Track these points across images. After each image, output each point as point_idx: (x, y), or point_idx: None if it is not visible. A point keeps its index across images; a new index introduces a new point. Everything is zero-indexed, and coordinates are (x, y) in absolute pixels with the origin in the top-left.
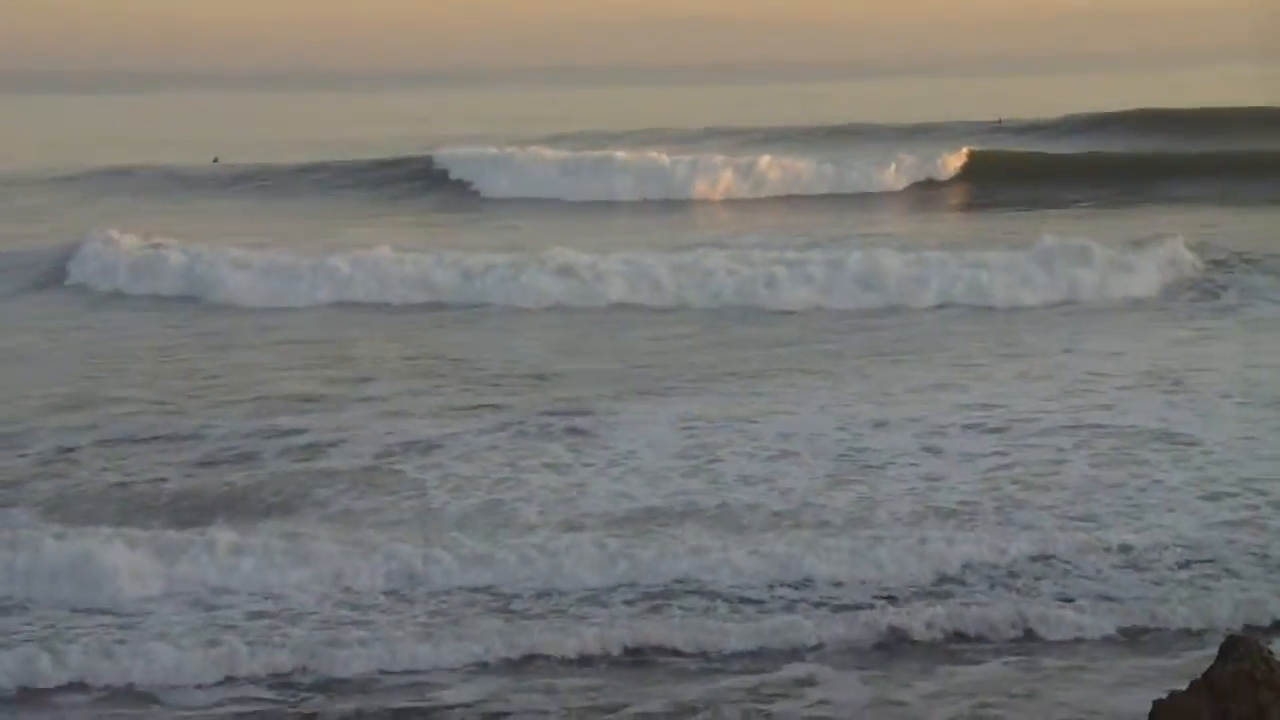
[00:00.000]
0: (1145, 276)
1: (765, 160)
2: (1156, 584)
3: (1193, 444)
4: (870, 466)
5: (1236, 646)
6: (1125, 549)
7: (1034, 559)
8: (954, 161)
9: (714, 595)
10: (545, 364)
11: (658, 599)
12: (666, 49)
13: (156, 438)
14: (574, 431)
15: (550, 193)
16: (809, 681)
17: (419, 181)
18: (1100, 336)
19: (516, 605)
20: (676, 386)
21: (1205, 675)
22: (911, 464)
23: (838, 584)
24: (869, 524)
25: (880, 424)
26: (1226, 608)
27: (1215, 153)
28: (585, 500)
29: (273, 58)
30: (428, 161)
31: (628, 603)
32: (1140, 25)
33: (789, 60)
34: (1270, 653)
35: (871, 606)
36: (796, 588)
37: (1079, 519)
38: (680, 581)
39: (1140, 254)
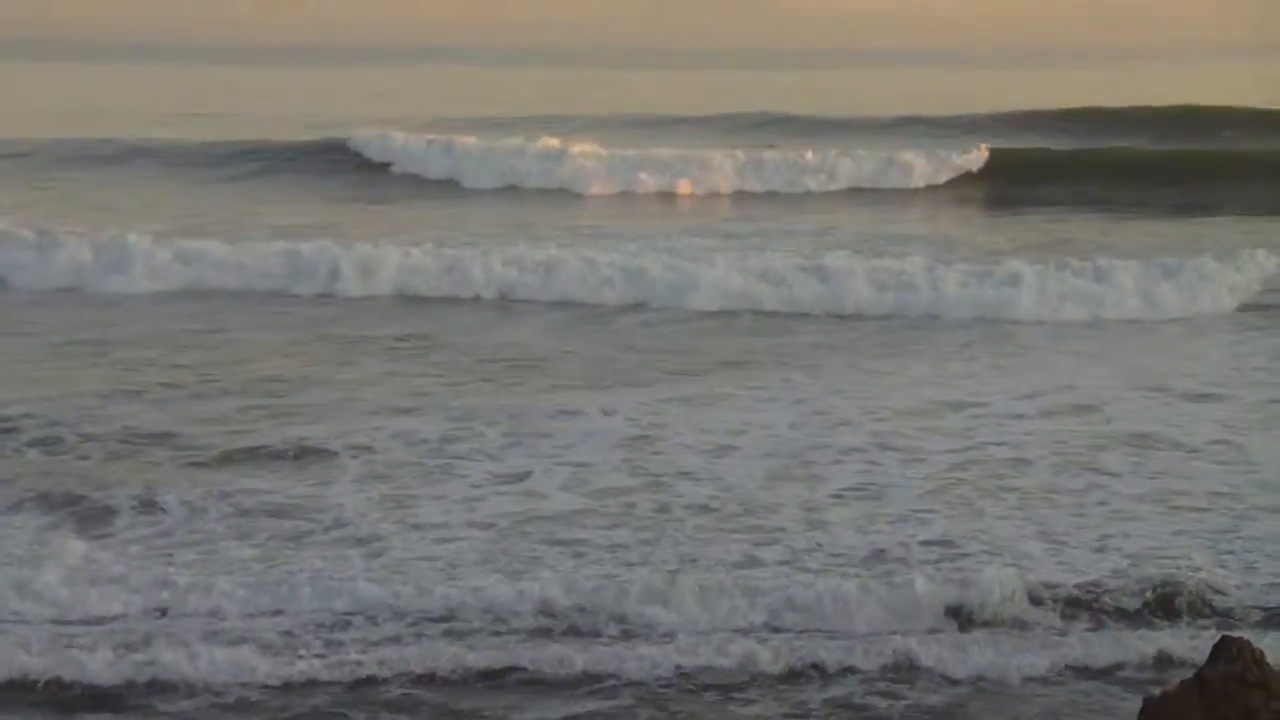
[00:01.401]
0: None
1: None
2: None
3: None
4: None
5: (1228, 647)
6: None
7: None
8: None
9: None
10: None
11: None
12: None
13: None
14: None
15: (464, 178)
16: None
17: (333, 164)
18: None
19: None
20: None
21: (1196, 675)
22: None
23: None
24: None
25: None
26: None
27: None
28: None
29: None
30: (343, 144)
31: None
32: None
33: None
34: (1262, 654)
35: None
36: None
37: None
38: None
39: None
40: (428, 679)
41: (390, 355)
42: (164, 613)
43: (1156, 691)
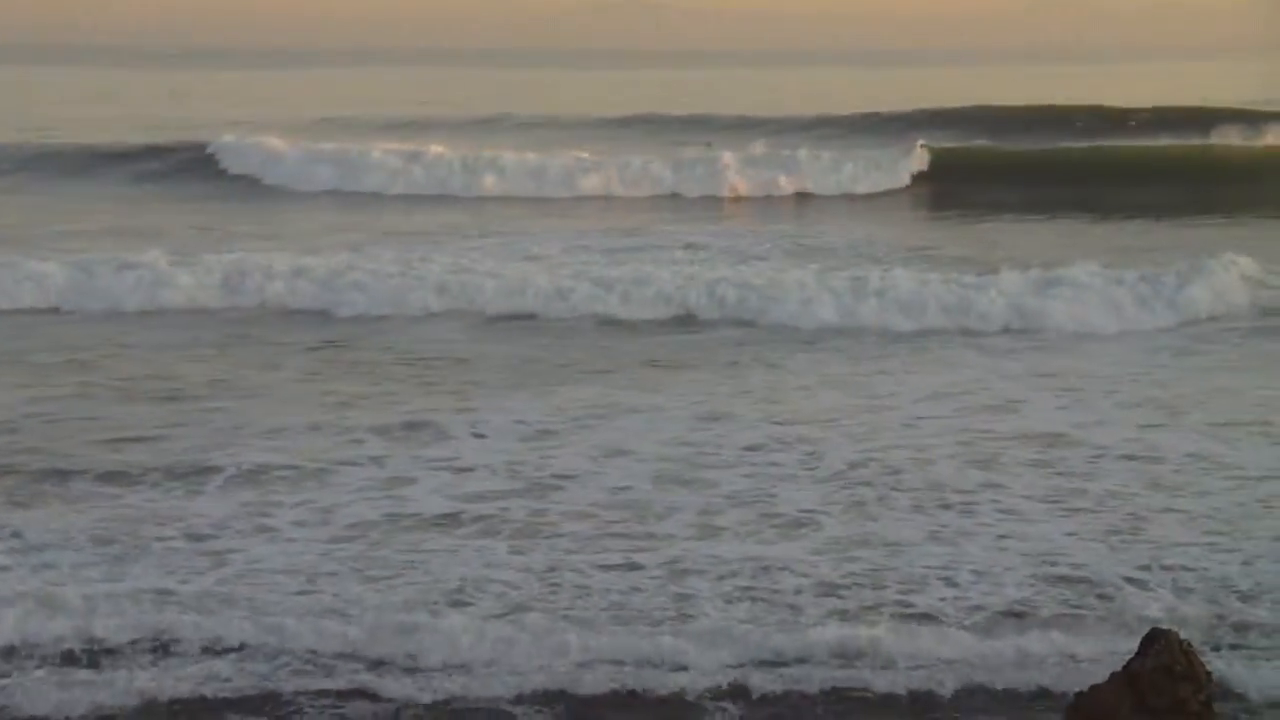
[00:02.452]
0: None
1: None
2: None
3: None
4: None
5: (1157, 640)
6: None
7: None
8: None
9: None
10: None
11: None
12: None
13: None
14: None
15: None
16: None
17: (187, 170)
18: None
19: None
20: None
21: (1125, 667)
22: None
23: None
24: None
25: None
26: None
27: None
28: None
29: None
30: (200, 148)
31: None
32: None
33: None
34: (1190, 646)
35: None
36: None
37: None
38: None
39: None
40: None
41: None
42: None
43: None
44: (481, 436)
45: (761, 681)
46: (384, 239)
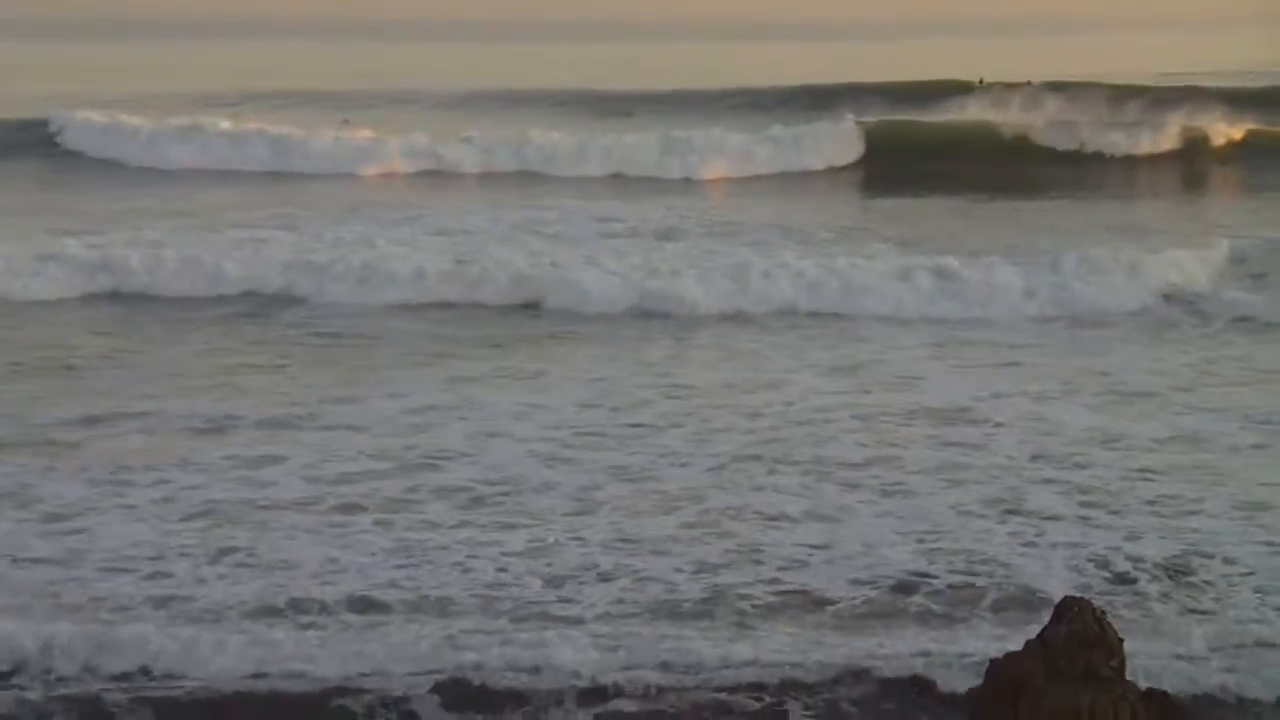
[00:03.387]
0: None
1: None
2: None
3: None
4: None
5: (1070, 607)
6: None
7: None
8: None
9: None
10: None
11: None
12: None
13: None
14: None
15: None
16: None
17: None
18: None
19: None
20: None
21: (1040, 635)
22: None
23: None
24: None
25: None
26: None
27: None
28: None
29: None
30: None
31: None
32: None
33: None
34: (1103, 613)
35: None
36: None
37: None
38: None
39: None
40: None
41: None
42: None
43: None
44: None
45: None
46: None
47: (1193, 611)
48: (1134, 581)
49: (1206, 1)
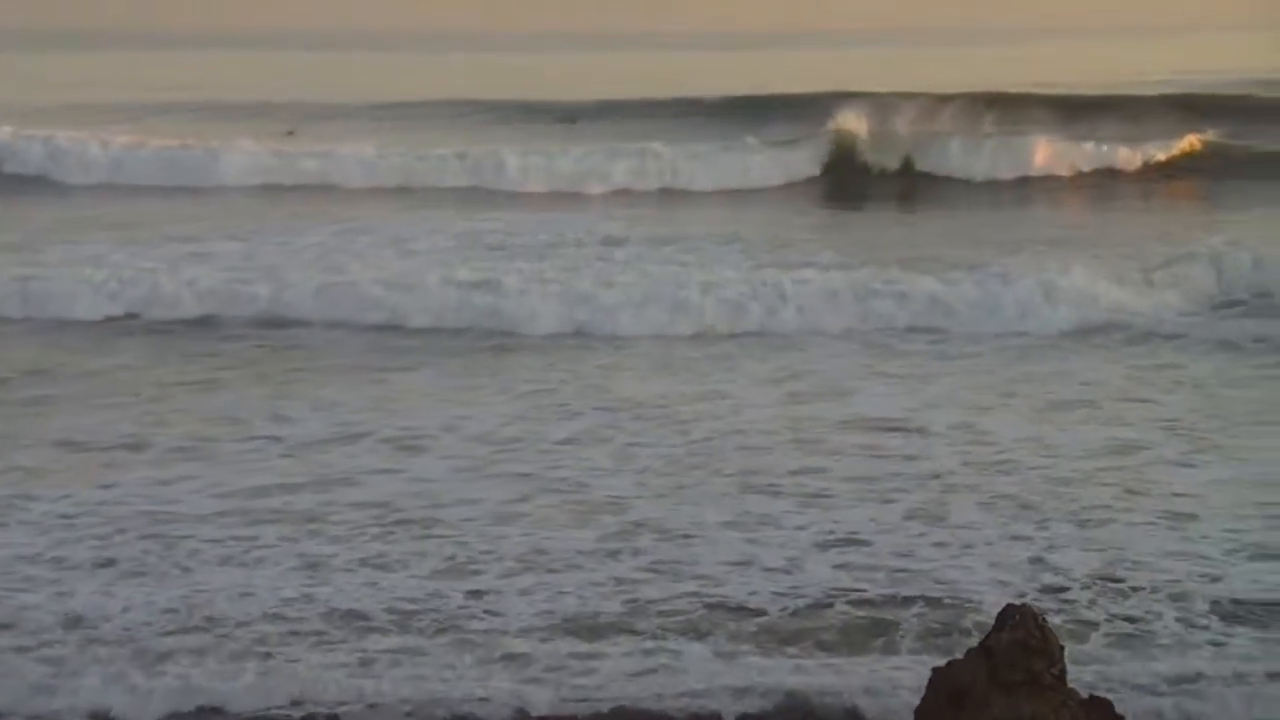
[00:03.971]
0: None
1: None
2: None
3: None
4: None
5: (1013, 614)
6: None
7: None
8: None
9: None
10: None
11: None
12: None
13: None
14: None
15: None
16: None
17: None
18: None
19: None
20: None
21: (983, 643)
22: None
23: None
24: None
25: None
26: None
27: None
28: None
29: None
30: None
31: None
32: None
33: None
34: (1045, 620)
35: None
36: None
37: None
38: None
39: None
40: None
41: None
42: None
43: None
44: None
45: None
46: None
47: (1123, 619)
48: (1063, 590)
49: None
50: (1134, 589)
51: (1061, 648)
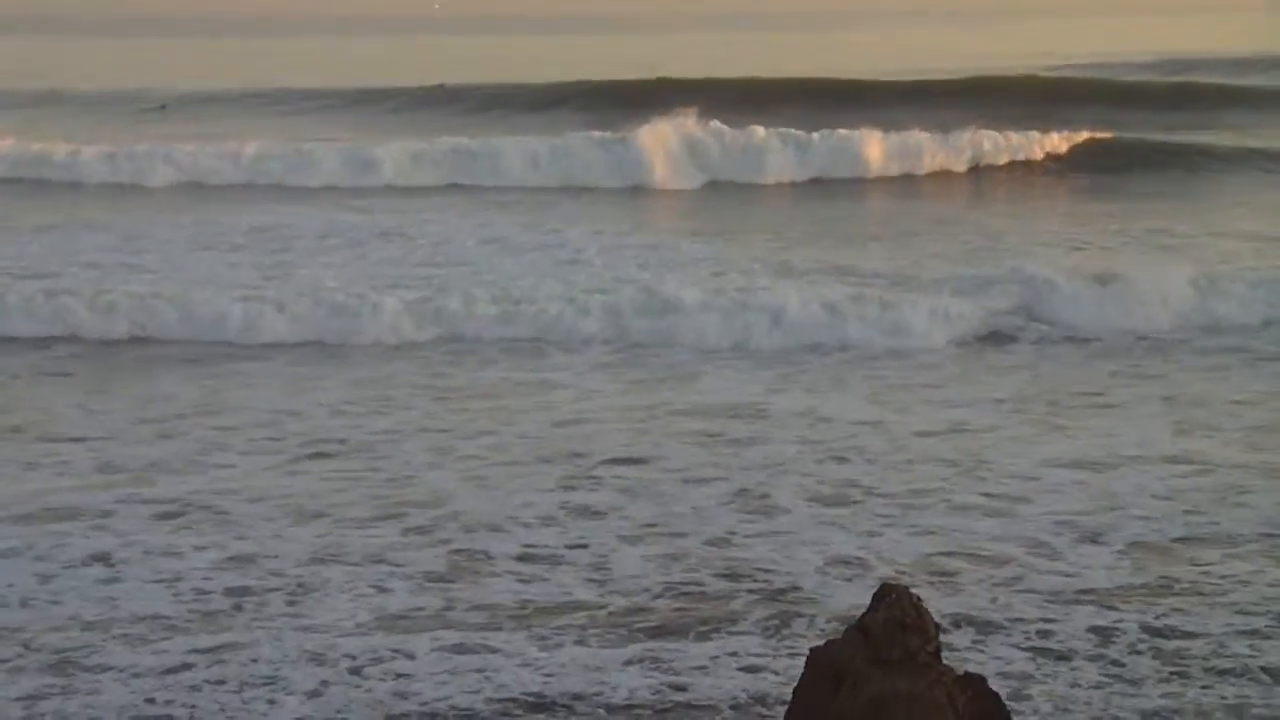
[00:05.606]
0: None
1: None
2: None
3: None
4: None
5: (889, 594)
6: None
7: None
8: None
9: None
10: None
11: None
12: None
13: None
14: None
15: None
16: None
17: None
18: None
19: None
20: None
21: (859, 621)
22: None
23: None
24: None
25: None
26: None
27: None
28: None
29: None
30: None
31: None
32: None
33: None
34: (920, 600)
35: None
36: None
37: None
38: None
39: None
40: None
41: None
42: None
43: None
44: None
45: None
46: None
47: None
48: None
49: None
50: None
51: (937, 626)
